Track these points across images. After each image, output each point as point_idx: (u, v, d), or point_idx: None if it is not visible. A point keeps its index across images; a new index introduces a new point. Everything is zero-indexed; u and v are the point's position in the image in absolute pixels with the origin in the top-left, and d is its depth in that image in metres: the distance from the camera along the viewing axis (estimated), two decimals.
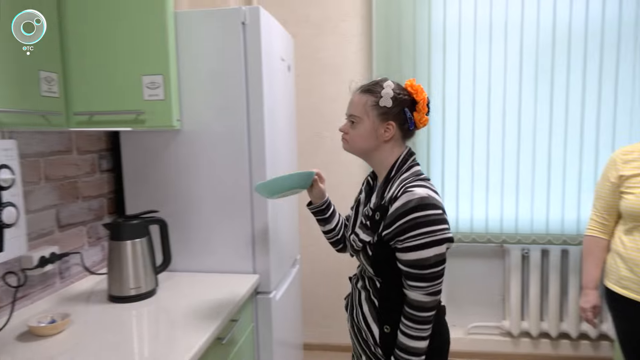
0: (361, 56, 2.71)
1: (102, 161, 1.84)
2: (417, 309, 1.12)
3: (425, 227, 1.08)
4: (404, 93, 1.22)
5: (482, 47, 2.54)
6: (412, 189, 1.12)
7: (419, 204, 1.09)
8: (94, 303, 1.52)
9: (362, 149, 1.25)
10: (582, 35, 2.45)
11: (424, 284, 1.10)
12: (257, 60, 1.65)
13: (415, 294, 1.12)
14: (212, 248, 1.77)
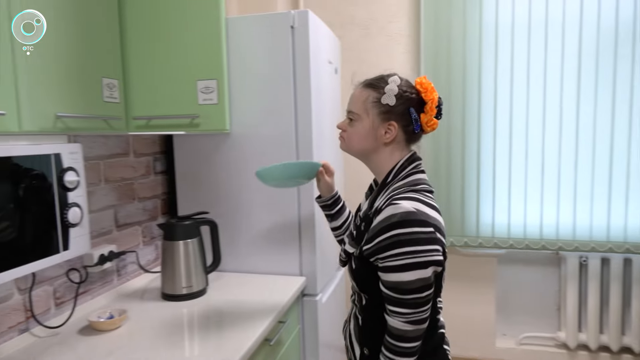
0: (409, 57, 2.66)
1: (157, 163, 1.91)
2: (397, 338, 0.99)
3: (407, 246, 0.94)
4: (411, 91, 1.09)
5: (537, 47, 2.42)
6: (399, 201, 0.97)
7: (403, 220, 0.94)
8: (148, 300, 1.58)
9: (358, 150, 1.14)
10: None
11: (404, 310, 0.97)
12: (305, 63, 1.66)
13: (395, 321, 0.98)
14: (260, 249, 1.79)
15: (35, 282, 1.31)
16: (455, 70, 2.50)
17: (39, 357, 1.19)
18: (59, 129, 1.03)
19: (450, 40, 2.49)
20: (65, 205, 1.08)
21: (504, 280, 2.71)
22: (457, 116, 2.54)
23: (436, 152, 2.58)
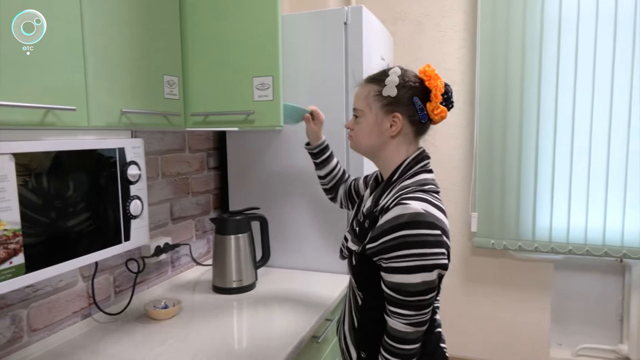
0: (464, 53, 2.58)
1: (210, 159, 1.96)
2: (398, 340, 0.96)
3: (414, 248, 0.92)
4: (413, 80, 1.05)
5: (605, 42, 2.26)
6: (408, 201, 0.95)
7: (412, 220, 0.92)
8: (200, 292, 1.62)
9: (366, 147, 1.10)
10: None
11: (407, 312, 0.95)
12: (358, 60, 1.65)
13: (397, 323, 0.96)
14: (309, 246, 1.79)
15: (98, 270, 1.38)
16: (513, 66, 2.40)
17: (99, 341, 1.25)
18: (123, 125, 1.08)
19: (508, 35, 2.39)
20: (128, 197, 1.12)
21: (561, 288, 2.58)
22: (515, 115, 2.43)
23: (491, 152, 2.49)
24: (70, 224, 0.98)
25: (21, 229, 0.87)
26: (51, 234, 0.94)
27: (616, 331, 2.50)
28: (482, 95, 2.48)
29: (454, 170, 2.66)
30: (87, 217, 1.02)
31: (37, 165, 0.91)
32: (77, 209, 1.00)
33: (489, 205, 2.52)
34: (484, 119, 2.49)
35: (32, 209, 0.89)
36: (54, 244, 0.95)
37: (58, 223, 0.95)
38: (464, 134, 2.63)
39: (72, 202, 0.98)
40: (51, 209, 0.94)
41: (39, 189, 0.91)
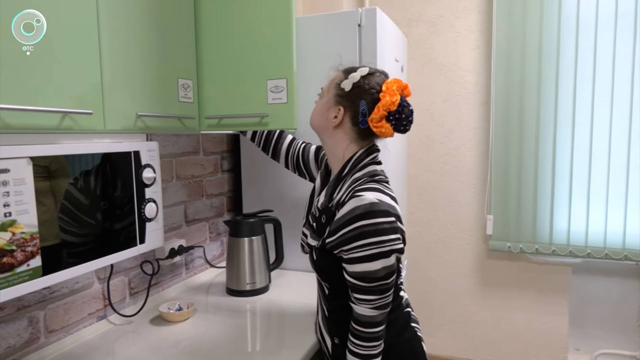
0: (478, 54, 2.55)
1: (224, 162, 1.97)
2: (365, 324, 1.02)
3: (372, 237, 0.97)
4: (373, 85, 1.06)
5: (625, 44, 2.21)
6: (362, 192, 1.00)
7: (367, 211, 0.97)
8: (213, 294, 1.63)
9: (314, 126, 1.16)
10: None
11: (371, 297, 1.01)
12: (371, 61, 1.63)
13: (362, 308, 1.02)
14: None
15: (113, 273, 1.39)
16: (530, 68, 2.36)
17: (114, 343, 1.26)
18: (139, 128, 1.08)
19: (525, 35, 2.35)
20: (143, 200, 1.13)
21: (579, 292, 2.53)
22: (531, 116, 2.39)
23: (507, 153, 2.45)
24: (86, 227, 0.99)
25: (38, 231, 0.88)
26: (68, 237, 0.95)
27: (636, 336, 2.45)
28: (497, 96, 2.45)
29: (469, 172, 2.63)
30: (103, 220, 1.02)
31: (55, 169, 0.92)
32: (94, 212, 1.00)
33: (505, 208, 2.49)
34: (499, 121, 2.46)
35: (49, 212, 0.90)
36: (70, 246, 0.95)
37: (75, 226, 0.96)
38: (479, 136, 2.59)
39: (89, 205, 0.99)
40: (69, 212, 0.94)
41: (56, 192, 0.92)
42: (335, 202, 1.06)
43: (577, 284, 2.53)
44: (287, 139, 1.47)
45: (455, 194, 2.65)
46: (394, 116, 1.04)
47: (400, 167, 2.08)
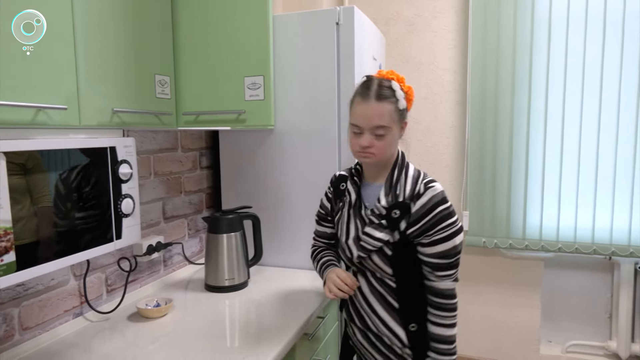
0: (455, 53, 2.60)
1: (202, 158, 1.97)
2: (449, 297, 1.17)
3: (449, 219, 1.14)
4: (399, 87, 1.20)
5: (595, 43, 2.29)
6: (432, 184, 1.17)
7: (442, 198, 1.15)
8: (192, 291, 1.63)
9: (389, 156, 1.23)
10: None
11: (452, 271, 1.16)
12: (349, 60, 1.66)
13: (445, 283, 1.16)
14: (301, 245, 1.81)
15: (90, 269, 1.38)
16: (504, 66, 2.42)
17: (91, 339, 1.26)
18: (115, 124, 1.08)
19: (499, 35, 2.41)
20: (119, 196, 1.13)
21: (551, 285, 2.61)
22: (506, 115, 2.45)
23: (482, 151, 2.51)
24: (61, 222, 0.98)
25: (12, 227, 0.87)
26: (43, 232, 0.94)
27: (605, 328, 2.54)
28: (473, 95, 2.51)
29: (445, 169, 2.68)
30: (78, 216, 1.02)
31: (31, 166, 0.91)
32: (69, 208, 1.00)
33: (480, 204, 2.55)
34: (475, 119, 2.52)
35: (25, 209, 0.90)
36: (45, 242, 0.95)
37: (51, 221, 0.96)
38: (456, 134, 2.65)
39: (64, 200, 0.99)
40: (45, 208, 0.94)
41: (32, 189, 0.91)
42: (408, 195, 1.17)
43: (549, 277, 2.61)
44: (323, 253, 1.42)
45: None
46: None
47: None
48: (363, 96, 1.17)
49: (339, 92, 1.68)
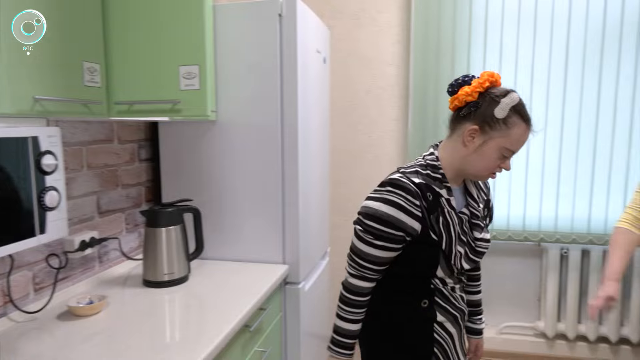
0: (399, 48, 2.66)
1: (141, 151, 1.90)
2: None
3: None
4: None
5: (526, 40, 2.44)
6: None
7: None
8: (130, 287, 1.58)
9: None
10: (636, 25, 2.32)
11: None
12: (292, 52, 1.66)
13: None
14: (244, 238, 1.79)
15: (14, 267, 1.30)
16: (444, 62, 2.51)
17: (15, 341, 1.19)
18: (37, 112, 1.02)
19: (440, 31, 2.50)
20: (43, 188, 1.07)
21: (486, 271, 2.74)
22: (445, 109, 2.54)
23: (423, 145, 2.60)
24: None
25: None
26: None
27: (534, 310, 2.72)
28: (415, 89, 2.58)
29: (390, 162, 2.74)
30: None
31: None
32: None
33: None
34: (416, 113, 2.60)
35: None
36: None
37: None
38: (399, 127, 2.72)
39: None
40: None
41: None
42: (484, 191, 1.28)
43: (483, 263, 2.74)
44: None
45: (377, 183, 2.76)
46: None
47: (322, 154, 2.13)
48: (527, 122, 1.08)
49: (282, 85, 1.68)
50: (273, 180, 1.73)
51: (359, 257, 1.15)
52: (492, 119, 1.07)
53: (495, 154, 1.10)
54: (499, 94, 1.08)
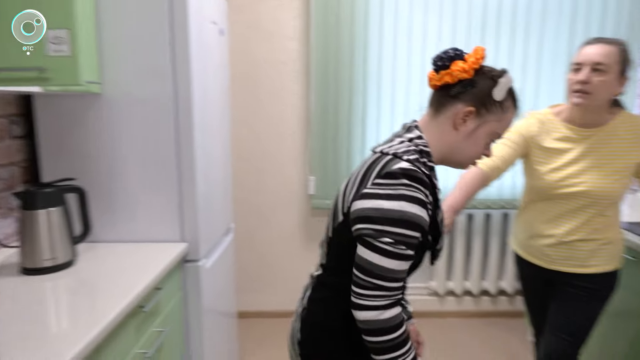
0: (300, 23, 2.66)
1: (14, 127, 1.70)
2: None
3: None
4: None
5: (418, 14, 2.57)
6: None
7: None
8: (5, 276, 1.44)
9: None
10: (524, 6, 2.55)
11: None
12: (183, 22, 1.58)
13: None
14: (138, 217, 1.71)
15: None
16: (343, 35, 2.56)
17: None
18: None
19: (339, 6, 2.53)
20: None
21: None
22: (345, 84, 2.62)
23: (324, 118, 2.66)
24: None
25: None
26: None
27: (427, 271, 2.96)
28: (317, 64, 2.61)
29: (292, 135, 2.77)
30: None
31: None
32: None
33: (324, 169, 2.71)
34: (318, 88, 2.64)
35: None
36: None
37: None
38: (301, 101, 2.74)
39: None
40: None
41: None
42: None
43: None
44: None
45: (281, 157, 2.78)
46: None
47: (222, 128, 2.09)
48: (517, 106, 0.99)
49: (174, 56, 1.60)
50: (168, 156, 1.66)
51: (390, 279, 0.88)
52: (490, 100, 0.94)
53: (485, 140, 0.98)
54: (495, 74, 0.95)
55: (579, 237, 1.49)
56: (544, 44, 2.58)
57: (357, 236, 0.91)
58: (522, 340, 2.65)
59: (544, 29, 2.57)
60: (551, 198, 1.52)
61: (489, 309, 2.97)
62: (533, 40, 2.58)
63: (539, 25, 2.56)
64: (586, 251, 1.50)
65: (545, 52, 2.59)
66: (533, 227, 1.58)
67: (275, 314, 2.89)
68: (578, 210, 1.48)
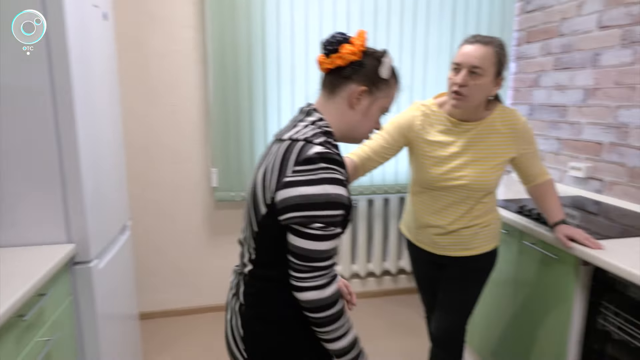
0: (194, 10, 2.57)
1: None
2: None
3: None
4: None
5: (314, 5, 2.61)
6: None
7: None
8: None
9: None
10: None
11: None
12: (57, 3, 1.44)
13: None
14: (17, 220, 1.55)
15: None
16: (240, 23, 2.52)
17: None
18: None
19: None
20: None
21: None
22: (244, 74, 2.59)
23: (225, 109, 2.61)
24: None
25: None
26: None
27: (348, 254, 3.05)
28: (215, 53, 2.54)
29: (193, 127, 2.69)
30: None
31: None
32: None
33: (226, 161, 2.66)
34: (217, 78, 2.57)
35: None
36: None
37: None
38: (200, 92, 2.66)
39: None
40: None
41: None
42: None
43: None
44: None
45: (180, 150, 2.69)
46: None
47: (112, 120, 1.95)
48: (399, 82, 1.11)
49: (48, 42, 1.46)
50: (47, 151, 1.52)
51: (325, 259, 0.95)
52: (378, 79, 1.04)
53: (377, 115, 1.08)
54: (379, 54, 1.05)
55: (462, 225, 1.62)
56: (430, 33, 2.74)
57: (287, 225, 0.95)
58: (422, 315, 2.87)
59: (429, 18, 2.74)
60: (436, 189, 1.61)
61: (391, 287, 3.17)
62: (420, 29, 2.74)
63: (424, 14, 2.73)
64: (469, 235, 1.63)
65: (431, 40, 2.75)
66: (422, 218, 1.68)
67: (183, 312, 2.79)
68: (460, 202, 1.60)
